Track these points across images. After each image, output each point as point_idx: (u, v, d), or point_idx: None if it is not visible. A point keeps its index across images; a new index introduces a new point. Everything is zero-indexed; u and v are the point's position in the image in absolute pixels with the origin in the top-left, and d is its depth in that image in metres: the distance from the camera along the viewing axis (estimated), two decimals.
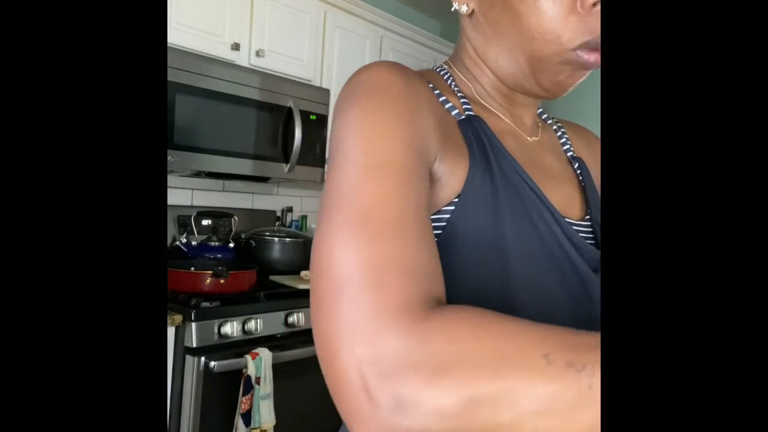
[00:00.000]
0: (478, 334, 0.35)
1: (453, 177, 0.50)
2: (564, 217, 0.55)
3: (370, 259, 0.38)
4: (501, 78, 0.57)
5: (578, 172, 0.64)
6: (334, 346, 0.37)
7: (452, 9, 0.58)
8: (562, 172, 0.62)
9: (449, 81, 0.59)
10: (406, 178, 0.44)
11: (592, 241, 0.59)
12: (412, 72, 0.51)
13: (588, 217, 0.60)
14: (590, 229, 0.59)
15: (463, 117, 0.55)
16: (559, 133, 0.67)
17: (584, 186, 0.63)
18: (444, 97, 0.56)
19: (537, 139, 0.62)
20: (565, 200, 0.59)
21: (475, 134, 0.53)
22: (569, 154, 0.65)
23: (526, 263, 0.51)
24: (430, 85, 0.55)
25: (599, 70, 0.55)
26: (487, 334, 0.35)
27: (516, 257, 0.50)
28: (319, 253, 0.42)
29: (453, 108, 0.55)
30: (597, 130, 0.62)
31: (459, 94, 0.57)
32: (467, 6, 0.56)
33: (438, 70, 0.61)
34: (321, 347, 0.39)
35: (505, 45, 0.54)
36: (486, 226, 0.50)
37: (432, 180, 0.49)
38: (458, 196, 0.50)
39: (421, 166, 0.46)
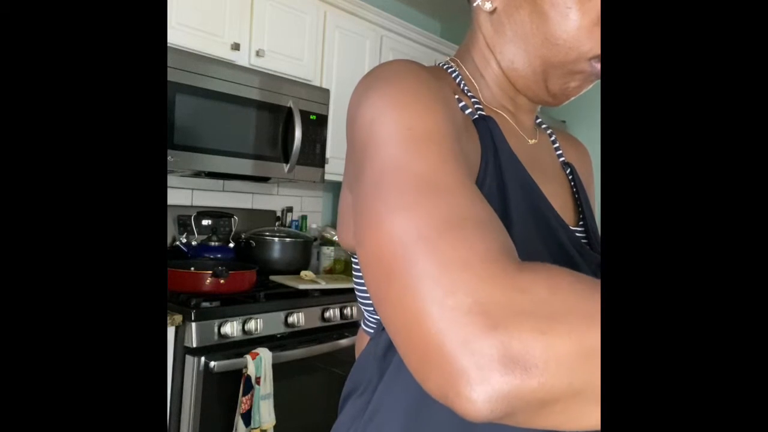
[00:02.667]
0: (577, 288, 0.32)
1: None
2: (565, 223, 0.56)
3: (442, 215, 0.35)
4: (511, 79, 0.58)
5: (570, 177, 0.65)
6: (417, 306, 0.32)
7: (474, 4, 0.57)
8: (557, 176, 0.63)
9: (458, 80, 0.59)
10: (456, 148, 0.41)
11: (585, 241, 0.60)
12: (431, 72, 0.51)
13: (582, 223, 0.61)
14: (584, 235, 0.60)
15: (476, 116, 0.55)
16: (552, 138, 0.68)
17: (576, 192, 0.64)
18: (457, 96, 0.56)
19: (536, 141, 0.63)
20: (562, 205, 0.60)
21: (487, 135, 0.54)
22: (561, 159, 0.67)
23: None
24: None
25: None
26: (588, 290, 0.32)
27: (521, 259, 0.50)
28: (374, 225, 0.37)
29: (466, 107, 0.55)
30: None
31: (469, 94, 0.58)
32: (491, 3, 0.56)
33: (445, 67, 0.61)
34: (397, 316, 0.33)
35: (523, 47, 0.54)
36: None
37: None
38: None
39: (459, 141, 0.44)
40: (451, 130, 0.43)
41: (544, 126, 0.69)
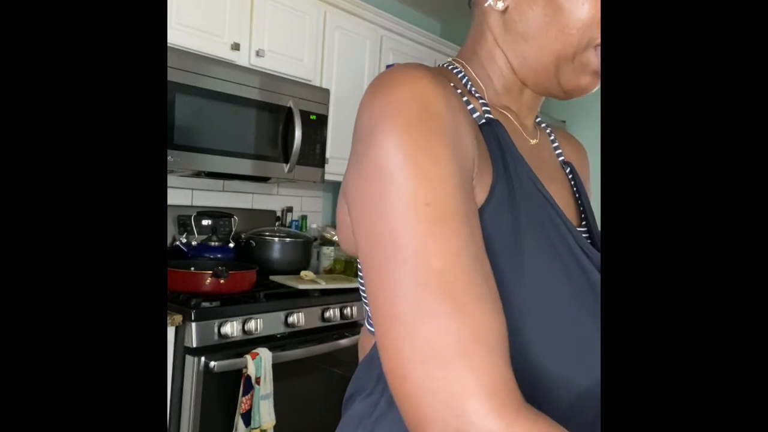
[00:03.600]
0: None
1: (479, 187, 0.51)
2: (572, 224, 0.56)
3: (457, 333, 0.41)
4: (521, 76, 0.58)
5: (570, 176, 0.66)
6: (427, 416, 0.40)
7: (485, 5, 0.58)
8: (558, 176, 0.64)
9: (464, 81, 0.59)
10: (468, 226, 0.45)
11: (589, 242, 0.60)
12: (439, 76, 0.50)
13: (584, 223, 0.62)
14: (587, 235, 0.61)
15: (484, 121, 0.55)
16: (552, 138, 0.69)
17: (577, 191, 0.65)
18: (466, 98, 0.56)
19: (537, 141, 0.63)
20: (565, 205, 0.60)
21: (494, 140, 0.54)
22: (561, 158, 0.67)
23: (540, 270, 0.51)
24: (451, 84, 0.55)
25: None
26: None
27: (530, 265, 0.51)
28: (394, 317, 0.42)
29: (474, 111, 0.55)
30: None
31: (477, 95, 0.58)
32: (503, 2, 0.56)
33: (451, 68, 0.61)
34: (410, 413, 0.41)
35: (535, 43, 0.55)
36: (504, 233, 0.50)
37: None
38: (482, 204, 0.50)
39: (472, 203, 0.47)
40: (464, 198, 0.45)
41: (543, 125, 0.69)
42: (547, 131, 0.69)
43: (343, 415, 0.60)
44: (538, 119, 0.69)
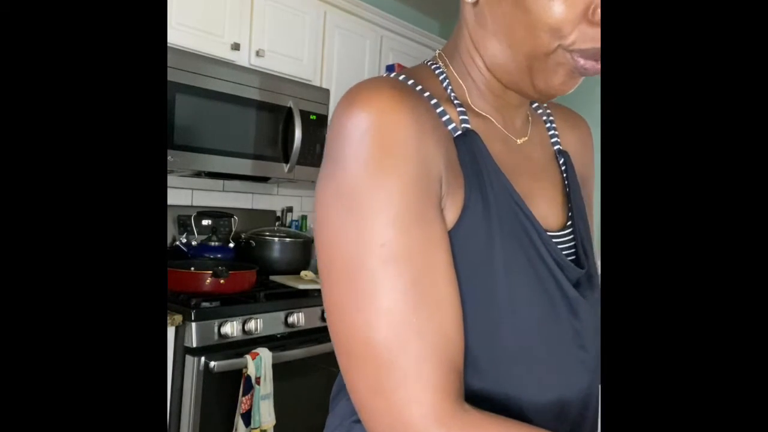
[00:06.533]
0: None
1: (452, 205, 0.50)
2: (549, 234, 0.55)
3: (398, 367, 0.45)
4: (497, 75, 0.56)
5: (563, 168, 0.63)
6: (377, 421, 0.46)
7: None
8: (547, 172, 0.62)
9: (445, 83, 0.57)
10: (422, 259, 0.47)
11: (573, 250, 0.59)
12: (410, 92, 0.49)
13: (570, 223, 0.60)
14: (572, 237, 0.59)
15: (460, 132, 0.54)
16: (548, 125, 0.66)
17: (568, 185, 0.63)
18: (441, 108, 0.54)
19: (526, 139, 0.61)
20: (549, 207, 0.59)
21: (469, 153, 0.53)
22: (556, 147, 0.65)
23: (514, 282, 0.51)
24: (426, 94, 0.54)
25: (599, 76, 0.55)
26: None
27: (504, 277, 0.51)
28: (348, 352, 0.48)
29: (450, 121, 0.54)
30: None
31: (456, 101, 0.56)
32: None
33: (431, 66, 0.59)
34: (362, 410, 0.48)
35: (506, 41, 0.53)
36: (478, 250, 0.50)
37: None
38: (455, 223, 0.50)
39: (436, 227, 0.48)
40: (424, 228, 0.47)
41: (539, 111, 0.66)
42: (544, 117, 0.66)
43: (330, 412, 0.60)
44: (534, 105, 0.66)
